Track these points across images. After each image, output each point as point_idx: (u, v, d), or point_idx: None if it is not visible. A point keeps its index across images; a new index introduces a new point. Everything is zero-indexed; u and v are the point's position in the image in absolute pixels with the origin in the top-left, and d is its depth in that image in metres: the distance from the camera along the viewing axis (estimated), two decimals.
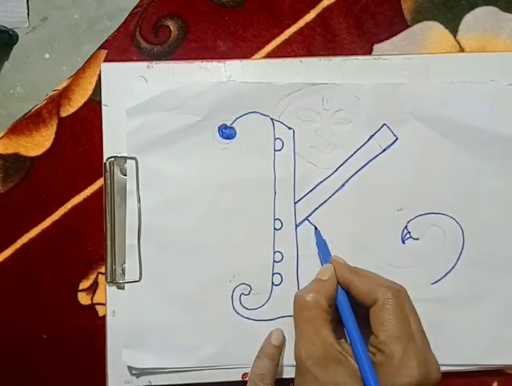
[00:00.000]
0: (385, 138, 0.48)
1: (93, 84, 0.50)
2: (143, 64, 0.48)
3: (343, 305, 0.42)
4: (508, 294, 0.48)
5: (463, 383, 0.49)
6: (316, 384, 0.39)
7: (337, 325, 0.43)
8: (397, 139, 0.48)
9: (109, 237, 0.48)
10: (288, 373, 0.47)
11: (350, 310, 0.42)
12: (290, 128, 0.47)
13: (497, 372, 0.49)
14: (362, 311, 0.42)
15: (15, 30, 0.50)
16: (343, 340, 0.43)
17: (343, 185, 0.47)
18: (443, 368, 0.47)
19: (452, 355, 0.47)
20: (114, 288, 0.48)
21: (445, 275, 0.47)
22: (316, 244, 0.47)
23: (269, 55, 0.50)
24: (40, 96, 0.50)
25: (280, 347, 0.46)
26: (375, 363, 0.39)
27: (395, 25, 0.50)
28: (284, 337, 0.47)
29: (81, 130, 0.49)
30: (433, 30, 0.50)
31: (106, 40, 0.50)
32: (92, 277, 0.49)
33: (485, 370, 0.48)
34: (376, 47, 0.50)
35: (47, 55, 0.51)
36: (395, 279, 0.47)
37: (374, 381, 0.37)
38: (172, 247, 0.47)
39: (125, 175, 0.48)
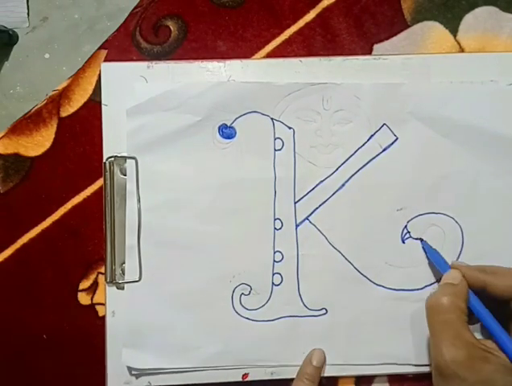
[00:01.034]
0: (385, 138, 0.47)
1: (93, 84, 0.50)
2: (143, 64, 0.48)
3: (477, 306, 0.42)
4: None
5: None
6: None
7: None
8: (397, 139, 0.47)
9: (108, 237, 0.48)
10: (288, 373, 0.47)
11: (486, 309, 0.42)
12: (290, 128, 0.47)
13: None
14: (495, 308, 0.42)
15: (15, 30, 0.51)
16: (482, 338, 0.42)
17: (343, 185, 0.47)
18: None
19: None
20: (114, 288, 0.48)
21: None
22: (427, 255, 0.47)
23: (269, 55, 0.50)
24: (40, 96, 0.50)
25: (321, 369, 0.46)
26: None
27: (395, 25, 0.50)
28: (325, 358, 0.47)
29: (81, 130, 0.49)
30: (433, 30, 0.50)
31: (106, 40, 0.50)
32: (92, 277, 0.49)
33: None
34: (376, 47, 0.50)
35: (47, 55, 0.51)
36: (395, 279, 0.47)
37: None
38: (172, 247, 0.47)
39: (125, 175, 0.48)
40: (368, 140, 0.48)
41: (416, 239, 0.48)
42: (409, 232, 0.48)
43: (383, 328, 0.47)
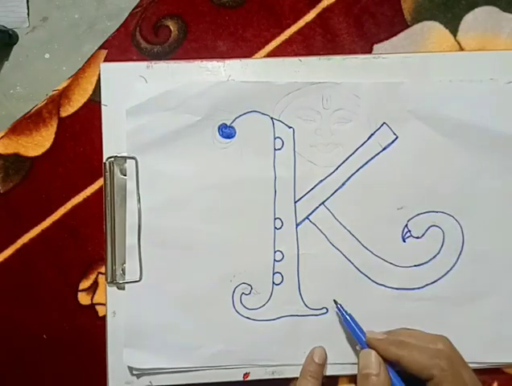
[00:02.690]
0: (385, 137, 0.47)
1: (93, 84, 0.50)
2: (143, 64, 0.48)
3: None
4: (508, 293, 0.48)
5: None
6: None
7: None
8: (397, 138, 0.47)
9: (109, 237, 0.48)
10: (289, 373, 0.47)
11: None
12: (290, 127, 0.47)
13: (498, 372, 0.49)
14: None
15: (15, 30, 0.50)
16: None
17: (343, 184, 0.47)
18: None
19: None
20: (115, 288, 0.48)
21: (445, 274, 0.47)
22: (345, 323, 0.46)
23: (269, 55, 0.50)
24: (40, 96, 0.50)
25: (323, 366, 0.46)
26: None
27: (395, 25, 0.50)
28: (327, 355, 0.47)
29: (81, 130, 0.49)
30: (433, 30, 0.50)
31: (106, 40, 0.50)
32: (92, 277, 0.49)
33: (485, 369, 0.48)
34: (376, 46, 0.50)
35: (47, 55, 0.51)
36: (396, 278, 0.47)
37: None
38: (173, 247, 0.47)
39: (125, 175, 0.48)
40: (368, 139, 0.48)
41: (416, 237, 0.48)
42: (409, 231, 0.48)
43: (384, 327, 0.47)
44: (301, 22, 0.50)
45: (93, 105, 0.49)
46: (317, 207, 0.47)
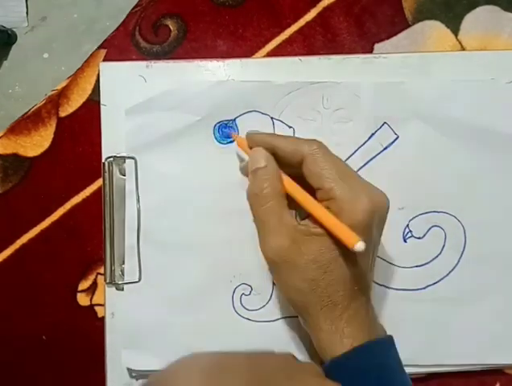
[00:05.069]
0: (385, 137, 0.47)
1: (92, 84, 0.49)
2: (142, 64, 0.48)
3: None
4: (510, 293, 0.47)
5: (463, 384, 0.48)
6: (297, 271, 0.39)
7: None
8: (397, 137, 0.47)
9: (108, 238, 0.48)
10: None
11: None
12: (290, 127, 0.47)
13: (499, 373, 0.48)
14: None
15: (14, 29, 0.50)
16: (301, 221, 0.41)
17: None
18: (444, 368, 0.47)
19: (453, 354, 0.47)
20: (113, 289, 0.48)
21: (447, 274, 0.47)
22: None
23: (269, 55, 0.50)
24: (39, 96, 0.50)
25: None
26: (334, 212, 0.38)
27: (396, 24, 0.50)
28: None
29: (80, 130, 0.49)
30: (434, 29, 0.50)
31: (105, 40, 0.50)
32: (91, 278, 0.49)
33: (487, 370, 0.48)
34: (377, 46, 0.50)
35: (46, 55, 0.50)
36: (397, 279, 0.47)
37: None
38: (172, 247, 0.47)
39: (125, 175, 0.47)
40: (368, 139, 0.47)
41: (418, 238, 0.47)
42: (411, 231, 0.47)
43: (385, 328, 0.47)
44: (301, 22, 0.50)
45: (92, 105, 0.49)
46: None
